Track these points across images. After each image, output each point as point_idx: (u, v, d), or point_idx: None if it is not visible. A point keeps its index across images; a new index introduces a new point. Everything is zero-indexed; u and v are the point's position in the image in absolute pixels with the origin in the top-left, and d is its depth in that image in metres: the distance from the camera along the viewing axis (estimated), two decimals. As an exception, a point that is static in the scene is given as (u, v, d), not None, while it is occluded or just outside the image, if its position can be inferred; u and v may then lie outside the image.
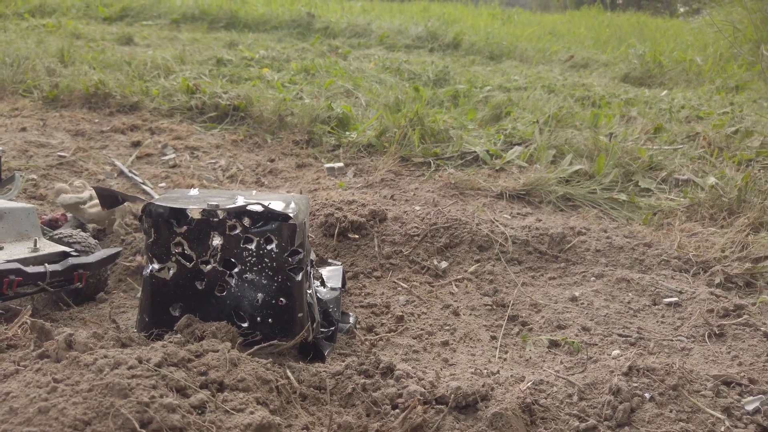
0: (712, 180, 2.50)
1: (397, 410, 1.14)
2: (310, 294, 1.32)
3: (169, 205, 1.22)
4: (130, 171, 2.66)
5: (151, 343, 1.09)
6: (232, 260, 1.27)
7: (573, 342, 1.53)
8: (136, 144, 3.03)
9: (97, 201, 1.97)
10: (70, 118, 3.32)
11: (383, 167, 2.84)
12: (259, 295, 1.27)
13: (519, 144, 3.23)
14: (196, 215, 1.22)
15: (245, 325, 1.28)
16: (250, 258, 1.26)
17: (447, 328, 1.62)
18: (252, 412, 0.92)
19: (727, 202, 2.37)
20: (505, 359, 1.51)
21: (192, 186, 2.56)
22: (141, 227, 1.27)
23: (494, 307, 1.74)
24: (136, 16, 7.50)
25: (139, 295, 1.72)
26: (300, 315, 1.28)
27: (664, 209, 2.51)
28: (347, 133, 3.35)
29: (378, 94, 4.23)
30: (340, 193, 2.29)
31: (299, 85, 4.30)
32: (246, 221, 1.23)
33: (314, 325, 1.32)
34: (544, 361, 1.48)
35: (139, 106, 3.48)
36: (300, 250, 1.26)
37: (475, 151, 3.05)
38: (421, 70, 5.32)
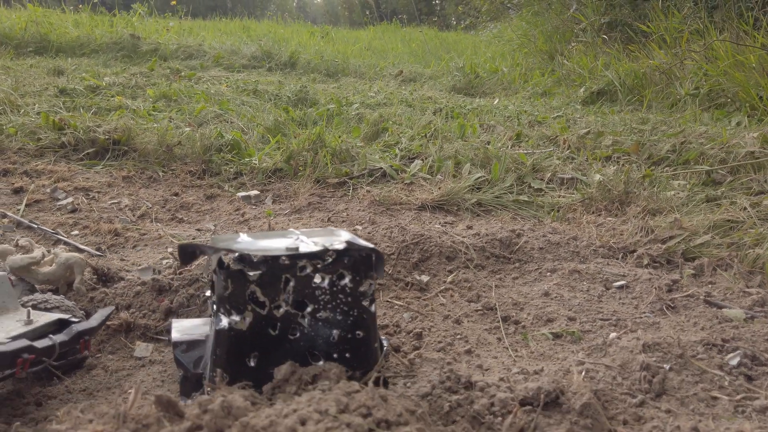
0: (597, 177, 2.90)
1: (499, 418, 1.22)
2: (374, 323, 1.35)
3: (255, 253, 1.17)
4: (30, 222, 2.36)
5: (273, 396, 1.05)
6: (304, 301, 1.26)
7: (573, 332, 1.73)
8: (18, 190, 2.68)
9: (49, 259, 1.75)
10: None
11: (304, 191, 2.85)
12: (335, 331, 1.27)
13: (415, 158, 3.42)
14: (284, 260, 1.19)
15: (321, 363, 1.26)
16: (323, 296, 1.26)
17: (459, 337, 1.72)
18: (430, 442, 0.95)
19: (617, 195, 2.77)
20: (521, 357, 1.65)
21: (113, 230, 2.35)
22: (215, 279, 1.20)
23: (485, 311, 1.88)
24: None
25: (137, 353, 1.59)
26: (375, 345, 1.31)
27: (562, 205, 2.85)
28: (246, 159, 3.27)
29: (251, 117, 4.17)
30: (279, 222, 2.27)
31: (165, 112, 4.08)
32: (322, 260, 1.23)
33: (383, 352, 1.35)
34: (556, 353, 1.65)
35: (1, 147, 3.07)
36: (372, 281, 1.29)
37: (381, 168, 3.17)
38: (277, 90, 5.31)
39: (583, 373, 1.42)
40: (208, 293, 1.47)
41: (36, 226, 2.31)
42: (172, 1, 9.76)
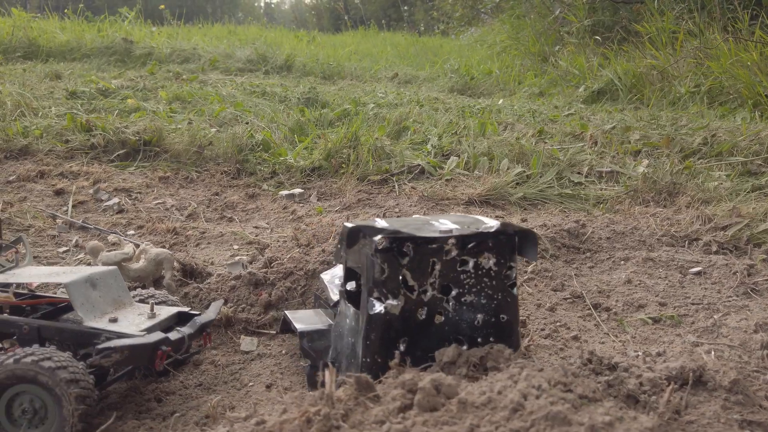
0: (641, 169, 2.92)
1: (653, 397, 1.21)
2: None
3: (416, 234, 1.14)
4: (84, 222, 2.29)
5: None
6: (449, 285, 1.23)
7: (672, 316, 1.73)
8: (60, 192, 2.59)
9: (137, 255, 1.69)
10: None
11: (351, 188, 2.81)
12: (479, 315, 1.24)
13: (448, 155, 3.40)
14: (429, 242, 1.17)
15: (465, 347, 1.24)
16: (467, 280, 1.23)
17: (560, 324, 1.70)
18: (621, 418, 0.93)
19: (664, 186, 2.79)
20: (627, 341, 1.64)
21: (171, 229, 2.29)
22: (369, 263, 1.16)
23: (573, 299, 1.87)
24: None
25: (243, 347, 1.55)
26: (519, 329, 1.28)
27: (608, 198, 2.86)
28: (278, 158, 3.22)
29: (272, 117, 4.11)
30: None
31: (184, 114, 4.00)
32: (467, 243, 1.21)
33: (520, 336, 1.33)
34: (660, 336, 1.65)
35: (31, 149, 2.97)
36: (513, 264, 1.27)
37: (419, 165, 3.15)
38: (283, 92, 5.25)
39: (712, 353, 1.42)
40: (336, 281, 1.43)
41: (91, 227, 2.23)
42: (160, 5, 9.63)
